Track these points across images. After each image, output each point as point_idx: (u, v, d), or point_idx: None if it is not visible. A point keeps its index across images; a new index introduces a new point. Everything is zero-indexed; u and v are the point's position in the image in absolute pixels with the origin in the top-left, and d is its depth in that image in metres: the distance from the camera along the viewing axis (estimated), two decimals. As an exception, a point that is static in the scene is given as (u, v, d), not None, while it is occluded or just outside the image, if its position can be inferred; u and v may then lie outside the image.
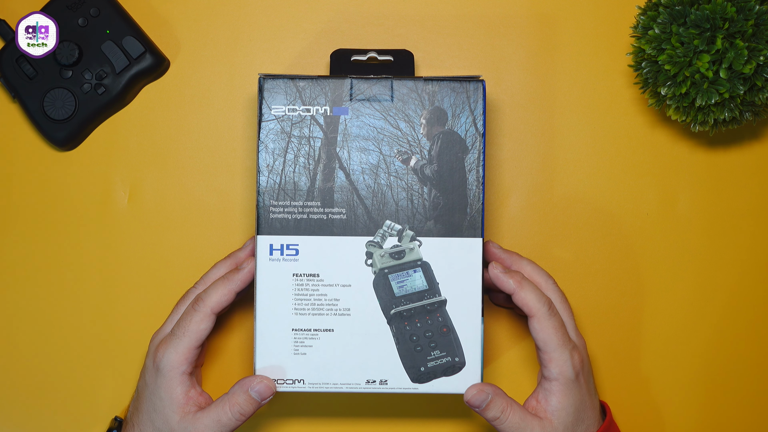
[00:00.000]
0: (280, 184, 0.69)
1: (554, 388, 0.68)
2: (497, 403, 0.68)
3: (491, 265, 0.69)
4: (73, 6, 0.75)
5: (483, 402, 0.68)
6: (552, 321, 0.68)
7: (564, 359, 0.68)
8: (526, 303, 0.68)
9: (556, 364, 0.68)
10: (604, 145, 0.78)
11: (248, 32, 0.78)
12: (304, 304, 0.69)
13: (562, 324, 0.69)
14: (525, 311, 0.68)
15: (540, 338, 0.68)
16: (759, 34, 0.69)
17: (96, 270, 0.78)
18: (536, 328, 0.68)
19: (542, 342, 0.68)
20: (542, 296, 0.69)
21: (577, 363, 0.68)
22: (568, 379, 0.68)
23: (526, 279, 0.69)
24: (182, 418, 0.68)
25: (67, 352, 0.78)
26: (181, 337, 0.68)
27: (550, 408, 0.68)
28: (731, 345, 0.79)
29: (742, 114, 0.72)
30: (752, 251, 0.79)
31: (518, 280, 0.69)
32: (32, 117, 0.75)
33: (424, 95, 0.69)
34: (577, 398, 0.68)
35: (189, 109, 0.78)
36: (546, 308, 0.68)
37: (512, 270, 0.70)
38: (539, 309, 0.68)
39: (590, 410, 0.70)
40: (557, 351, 0.68)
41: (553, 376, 0.68)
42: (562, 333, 0.68)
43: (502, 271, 0.69)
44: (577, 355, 0.69)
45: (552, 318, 0.68)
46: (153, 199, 0.78)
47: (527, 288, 0.68)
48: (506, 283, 0.69)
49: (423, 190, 0.69)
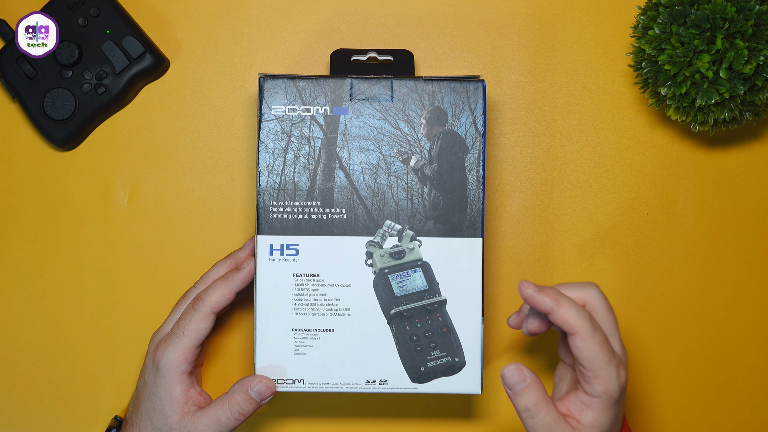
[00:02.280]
0: (280, 184, 0.69)
1: (595, 404, 0.63)
2: (533, 393, 0.63)
3: (522, 284, 0.64)
4: (73, 6, 0.75)
5: (518, 384, 0.63)
6: (596, 337, 0.63)
7: (611, 377, 0.63)
8: (567, 321, 0.62)
9: (602, 382, 0.63)
10: (604, 145, 0.78)
11: (248, 32, 0.78)
12: (304, 304, 0.69)
13: (606, 339, 0.63)
14: (566, 330, 0.63)
15: (584, 357, 0.62)
16: (759, 34, 0.69)
17: (96, 270, 0.78)
18: (579, 346, 0.62)
19: (587, 361, 0.62)
20: (582, 311, 0.63)
21: (623, 380, 0.63)
22: (611, 398, 0.63)
23: (562, 294, 0.64)
24: (181, 418, 0.68)
25: (67, 352, 0.78)
26: (180, 336, 0.68)
27: (584, 421, 0.63)
28: (731, 344, 0.79)
29: (742, 114, 0.72)
30: (752, 251, 0.78)
31: (554, 297, 0.63)
32: (32, 117, 0.75)
33: (424, 95, 0.69)
34: (614, 416, 0.64)
35: (189, 109, 0.78)
36: (589, 324, 0.63)
37: (545, 287, 0.64)
38: (582, 325, 0.62)
39: (619, 424, 0.66)
40: (604, 369, 0.62)
41: (596, 393, 0.63)
42: (607, 348, 0.63)
43: (535, 290, 0.63)
44: (623, 371, 0.64)
45: (596, 334, 0.63)
46: (153, 199, 0.78)
47: (566, 305, 0.63)
48: (542, 302, 0.63)
49: (423, 190, 0.69)
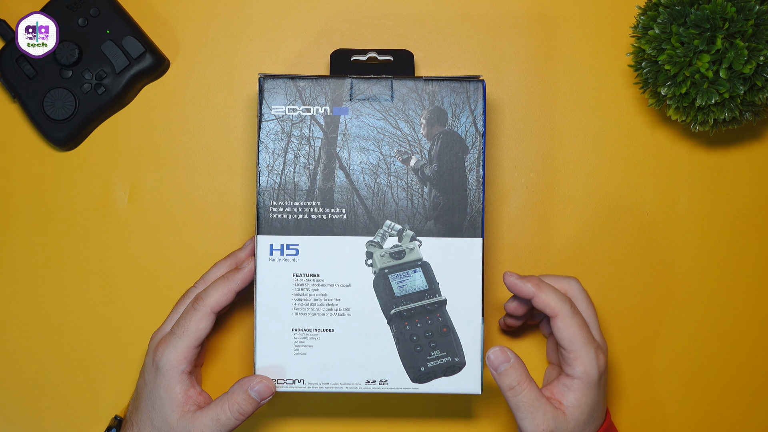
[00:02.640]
0: (280, 184, 0.69)
1: (575, 385, 0.67)
2: (516, 372, 0.66)
3: (506, 274, 0.69)
4: (73, 6, 0.75)
5: (502, 364, 0.66)
6: (576, 319, 0.67)
7: (590, 358, 0.67)
8: (548, 303, 0.68)
9: (582, 362, 0.67)
10: (604, 145, 0.78)
11: (248, 32, 0.78)
12: (304, 304, 0.68)
13: (585, 322, 0.68)
14: (547, 312, 0.68)
15: (565, 337, 0.67)
16: (759, 34, 0.69)
17: (96, 270, 0.78)
18: (560, 327, 0.67)
19: (567, 341, 0.67)
20: (562, 296, 0.68)
21: (602, 363, 0.68)
22: (591, 379, 0.67)
23: (543, 281, 0.69)
24: (181, 417, 0.68)
25: (67, 352, 0.78)
26: (180, 336, 0.68)
27: (566, 403, 0.67)
28: (731, 344, 0.79)
29: (742, 114, 0.72)
30: (752, 251, 0.78)
31: (536, 282, 0.68)
32: (32, 117, 0.75)
33: (424, 95, 0.69)
34: (594, 399, 0.68)
35: (189, 109, 0.78)
36: (568, 306, 0.68)
37: (528, 276, 0.69)
38: (561, 308, 0.67)
39: (601, 411, 0.70)
40: (583, 349, 0.67)
41: (577, 375, 0.67)
42: (586, 331, 0.68)
43: (518, 278, 0.68)
44: (602, 355, 0.68)
45: (575, 316, 0.67)
46: (153, 199, 0.78)
47: (546, 289, 0.68)
48: (524, 287, 0.68)
49: (423, 190, 0.69)
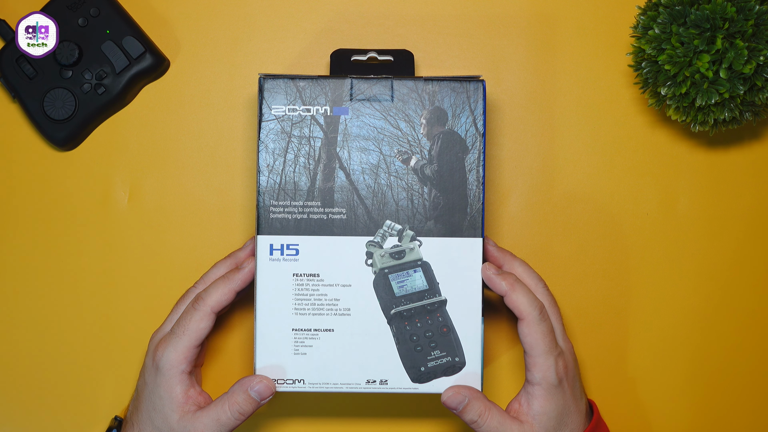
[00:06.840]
0: (280, 184, 0.69)
1: (537, 392, 0.68)
2: (474, 407, 0.68)
3: (485, 266, 0.69)
4: (73, 6, 0.75)
5: (459, 404, 0.68)
6: (541, 326, 0.68)
7: (548, 365, 0.68)
8: (517, 306, 0.68)
9: (540, 369, 0.68)
10: (604, 145, 0.78)
11: (248, 32, 0.78)
12: (304, 304, 0.68)
13: (551, 329, 0.69)
14: (516, 314, 0.68)
15: (527, 342, 0.68)
16: (759, 34, 0.69)
17: (96, 270, 0.78)
18: (525, 332, 0.68)
19: (529, 346, 0.68)
20: (534, 300, 0.68)
21: (561, 369, 0.68)
22: (550, 385, 0.68)
23: (519, 281, 0.69)
24: (181, 417, 0.68)
25: (67, 352, 0.78)
26: (180, 335, 0.68)
27: (532, 412, 0.68)
28: (732, 344, 0.79)
29: (742, 114, 0.72)
30: (752, 251, 0.78)
31: (511, 282, 0.68)
32: (32, 117, 0.75)
33: (424, 95, 0.69)
34: (560, 403, 0.68)
35: (189, 109, 0.78)
36: (537, 312, 0.68)
37: (505, 272, 0.69)
38: (530, 313, 0.68)
39: (575, 414, 0.70)
40: (542, 357, 0.68)
41: (536, 381, 0.68)
42: (549, 339, 0.68)
43: (495, 273, 0.68)
44: (562, 361, 0.69)
45: (542, 323, 0.68)
46: (153, 199, 0.78)
47: (519, 291, 0.68)
48: (499, 285, 0.68)
49: (423, 190, 0.69)
